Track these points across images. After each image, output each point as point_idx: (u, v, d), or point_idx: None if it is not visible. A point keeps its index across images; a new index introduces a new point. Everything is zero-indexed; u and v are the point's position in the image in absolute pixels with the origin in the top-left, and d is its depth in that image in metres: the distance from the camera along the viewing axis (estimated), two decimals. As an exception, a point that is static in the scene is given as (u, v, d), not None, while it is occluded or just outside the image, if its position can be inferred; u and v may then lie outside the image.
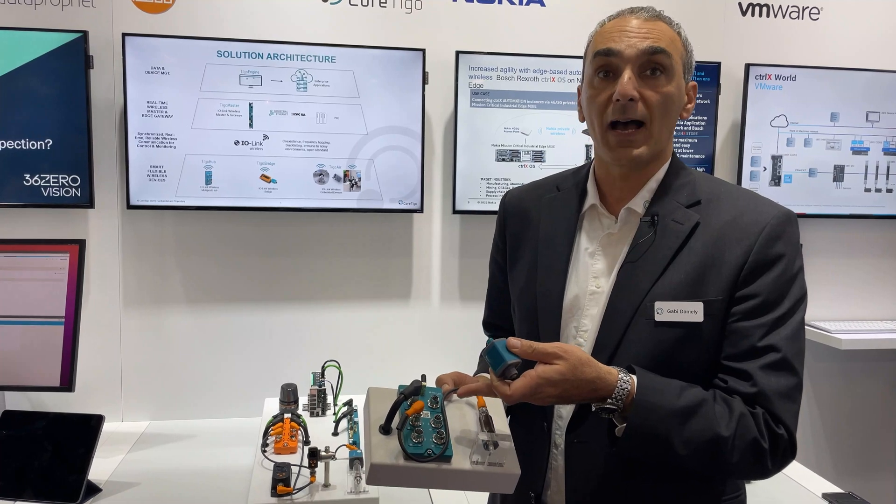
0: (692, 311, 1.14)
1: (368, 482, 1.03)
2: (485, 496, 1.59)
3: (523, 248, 1.35)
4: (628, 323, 1.16)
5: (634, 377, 1.08)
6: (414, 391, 1.09)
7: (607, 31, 1.20)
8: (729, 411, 1.09)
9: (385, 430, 1.05)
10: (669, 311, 1.14)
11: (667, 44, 1.17)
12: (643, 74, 1.17)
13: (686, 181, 1.23)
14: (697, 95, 1.30)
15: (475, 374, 1.39)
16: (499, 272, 1.46)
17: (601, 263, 1.23)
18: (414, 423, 1.06)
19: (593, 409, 1.08)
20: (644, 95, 1.16)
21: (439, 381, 1.20)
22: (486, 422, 1.11)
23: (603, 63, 1.18)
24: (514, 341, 1.06)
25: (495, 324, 1.55)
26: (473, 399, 1.15)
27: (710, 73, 2.74)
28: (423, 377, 1.16)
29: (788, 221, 1.17)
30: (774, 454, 1.10)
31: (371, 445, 1.03)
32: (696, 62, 2.70)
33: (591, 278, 1.23)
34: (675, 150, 2.68)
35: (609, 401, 1.07)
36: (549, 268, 1.28)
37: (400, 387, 1.12)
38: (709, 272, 1.14)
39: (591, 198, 1.28)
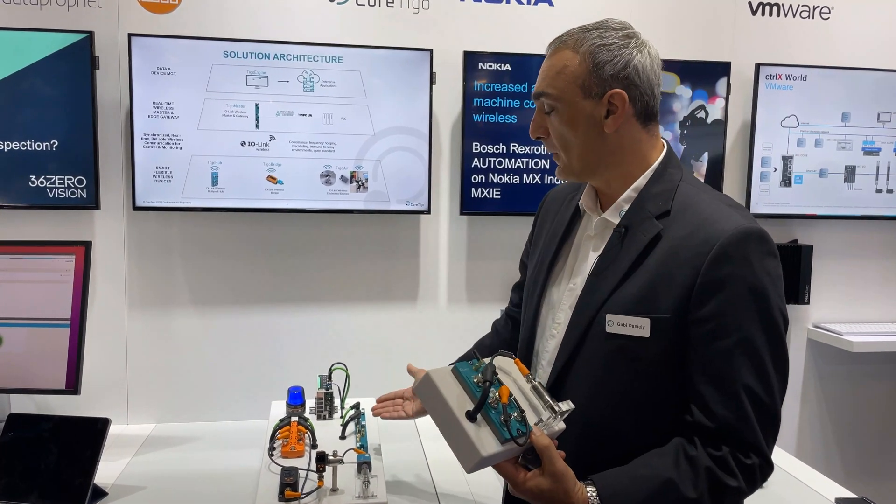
0: (639, 327, 1.16)
1: (470, 471, 1.09)
2: (491, 488, 1.77)
3: (540, 242, 1.44)
4: (584, 332, 1.22)
5: (595, 490, 1.12)
6: (493, 376, 1.12)
7: None
8: (693, 471, 1.12)
9: (472, 417, 1.08)
10: (619, 323, 1.18)
11: (549, 81, 1.23)
12: (544, 112, 1.26)
13: (665, 189, 1.22)
14: (715, 94, 1.31)
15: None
16: (526, 258, 1.57)
17: (579, 262, 1.30)
18: (495, 405, 1.11)
19: None
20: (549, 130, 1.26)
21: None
22: (540, 391, 1.17)
23: None
24: (539, 432, 1.12)
25: (512, 303, 1.68)
26: (514, 368, 1.19)
27: (720, 73, 2.71)
28: (474, 353, 1.22)
29: (744, 239, 1.13)
30: (751, 483, 1.14)
31: (469, 436, 1.07)
32: (706, 62, 2.70)
33: (570, 275, 1.31)
34: (685, 149, 2.68)
35: None
36: (542, 261, 1.38)
37: (458, 366, 1.15)
38: (660, 288, 1.15)
39: (582, 199, 1.34)
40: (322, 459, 1.65)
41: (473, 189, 2.62)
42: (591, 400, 1.21)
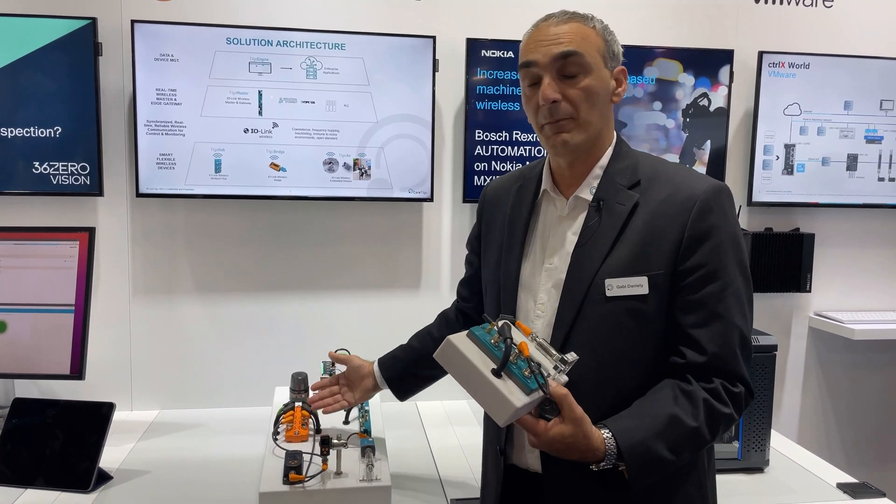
0: (638, 285, 1.26)
1: (504, 424, 1.16)
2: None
3: (494, 233, 1.50)
4: (582, 300, 1.28)
5: (609, 431, 1.20)
6: (510, 334, 1.19)
7: (526, 43, 1.34)
8: (692, 404, 1.22)
9: (497, 374, 1.15)
10: (619, 286, 1.27)
11: (577, 44, 1.28)
12: (563, 76, 1.29)
13: (628, 164, 1.34)
14: (718, 82, 1.37)
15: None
16: (473, 256, 1.65)
17: (553, 243, 1.37)
18: (514, 360, 1.17)
19: (593, 468, 1.21)
20: (566, 94, 1.29)
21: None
22: (545, 346, 1.24)
23: (526, 74, 1.33)
24: (553, 383, 1.19)
25: (461, 298, 1.76)
26: (516, 330, 1.25)
27: (723, 61, 2.71)
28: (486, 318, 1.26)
29: (719, 194, 1.27)
30: (738, 409, 1.27)
31: (501, 391, 1.14)
32: (709, 49, 2.70)
33: (545, 256, 1.37)
34: (688, 137, 2.68)
35: (603, 464, 1.20)
36: (509, 248, 1.43)
37: (473, 330, 1.21)
38: (650, 248, 1.26)
39: (545, 184, 1.41)
40: (326, 443, 1.65)
41: (476, 177, 2.62)
42: (596, 364, 1.28)
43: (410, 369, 1.81)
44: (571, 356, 1.23)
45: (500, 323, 1.20)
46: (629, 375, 1.29)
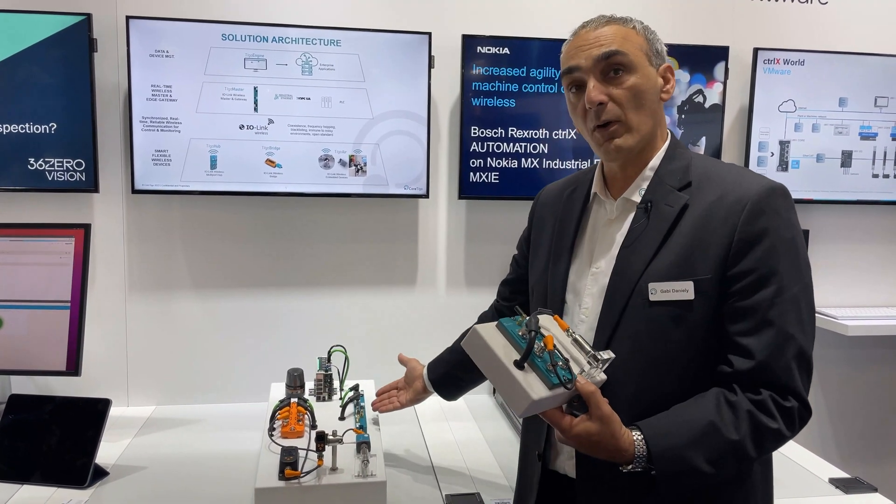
0: (683, 290, 1.21)
1: (522, 415, 1.15)
2: (489, 468, 1.91)
3: (544, 238, 1.49)
4: (625, 304, 1.25)
5: (641, 434, 1.17)
6: (537, 326, 1.18)
7: (568, 50, 1.32)
8: (734, 414, 1.16)
9: (520, 365, 1.14)
10: (662, 290, 1.22)
11: (619, 44, 1.26)
12: (607, 77, 1.27)
13: (680, 164, 1.30)
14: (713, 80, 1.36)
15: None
16: (521, 258, 1.67)
17: (601, 246, 1.35)
18: (540, 354, 1.17)
19: (623, 470, 1.18)
20: (612, 95, 1.27)
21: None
22: (580, 342, 1.23)
23: (570, 80, 1.31)
24: (583, 379, 1.17)
25: (501, 298, 1.79)
26: (553, 324, 1.26)
27: (718, 58, 2.71)
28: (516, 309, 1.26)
29: (772, 195, 1.20)
30: (790, 426, 1.18)
31: (519, 382, 1.13)
32: (705, 46, 2.70)
33: (592, 260, 1.35)
34: (683, 133, 2.69)
35: (632, 466, 1.17)
36: (558, 252, 1.41)
37: (503, 321, 1.21)
38: (697, 252, 1.21)
39: (595, 187, 1.40)
40: (322, 439, 1.66)
41: (472, 173, 2.62)
42: (636, 370, 1.25)
43: (453, 371, 1.83)
44: (606, 353, 1.21)
45: (531, 316, 1.19)
46: (670, 384, 1.24)
